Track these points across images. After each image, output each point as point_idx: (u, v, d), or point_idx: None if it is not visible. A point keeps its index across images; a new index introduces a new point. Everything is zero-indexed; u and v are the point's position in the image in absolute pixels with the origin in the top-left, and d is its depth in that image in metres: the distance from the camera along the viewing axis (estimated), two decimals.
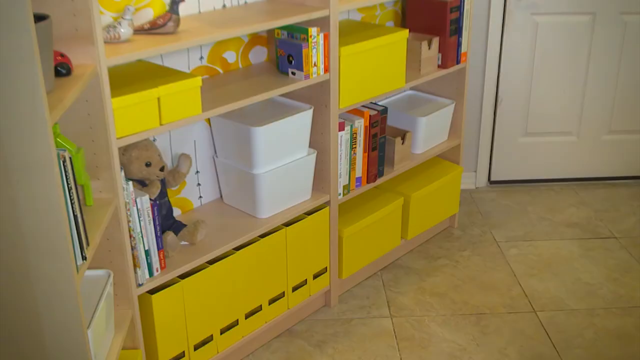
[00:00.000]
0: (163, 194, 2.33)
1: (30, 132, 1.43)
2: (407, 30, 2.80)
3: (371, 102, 2.92)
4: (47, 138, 1.43)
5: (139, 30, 2.13)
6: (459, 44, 3.10)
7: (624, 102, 3.68)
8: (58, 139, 1.74)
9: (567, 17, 3.45)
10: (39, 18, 1.55)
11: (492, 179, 3.86)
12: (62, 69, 1.71)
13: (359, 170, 2.84)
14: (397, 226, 3.10)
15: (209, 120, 2.58)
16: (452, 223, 3.50)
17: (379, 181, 2.95)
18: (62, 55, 1.73)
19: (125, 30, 2.02)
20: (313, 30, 2.45)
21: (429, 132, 3.16)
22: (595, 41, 3.51)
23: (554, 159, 3.81)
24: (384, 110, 2.86)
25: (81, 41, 1.81)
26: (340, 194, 2.79)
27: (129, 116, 1.98)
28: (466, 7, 3.06)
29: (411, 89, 3.40)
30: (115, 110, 1.93)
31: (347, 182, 2.81)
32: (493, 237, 3.39)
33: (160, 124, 2.07)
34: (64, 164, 1.59)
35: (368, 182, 2.90)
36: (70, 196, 1.62)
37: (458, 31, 3.07)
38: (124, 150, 2.20)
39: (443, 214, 3.35)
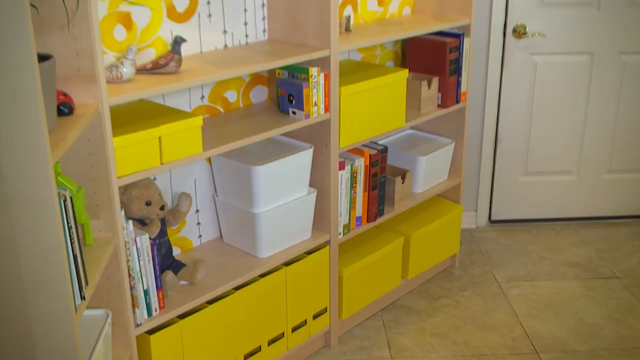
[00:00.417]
0: (163, 233, 2.32)
1: (32, 171, 1.43)
2: (407, 70, 2.83)
3: (371, 142, 2.93)
4: (49, 177, 1.43)
5: (141, 70, 2.14)
6: (459, 84, 3.12)
7: (624, 141, 3.70)
8: (59, 178, 1.74)
9: (565, 57, 3.48)
10: (42, 58, 1.57)
11: (493, 218, 3.86)
12: (64, 108, 1.71)
13: (359, 210, 2.84)
14: (398, 266, 3.08)
15: (209, 159, 2.59)
16: (453, 263, 3.48)
17: (379, 220, 2.94)
18: (64, 94, 1.74)
19: (127, 70, 2.03)
20: (313, 70, 2.47)
21: (429, 171, 3.16)
22: (594, 81, 3.54)
23: (554, 198, 3.81)
24: (384, 150, 2.87)
25: (84, 80, 1.82)
26: (340, 234, 2.78)
27: (130, 155, 1.98)
28: (465, 47, 3.09)
29: (411, 128, 3.41)
30: (116, 149, 1.93)
31: (347, 222, 2.80)
32: (494, 276, 3.37)
33: (161, 163, 2.07)
34: (64, 203, 1.59)
35: (368, 221, 2.89)
36: (70, 235, 1.62)
37: (457, 71, 3.09)
38: (125, 189, 2.20)
39: (444, 254, 3.34)
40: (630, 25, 3.45)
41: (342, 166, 2.70)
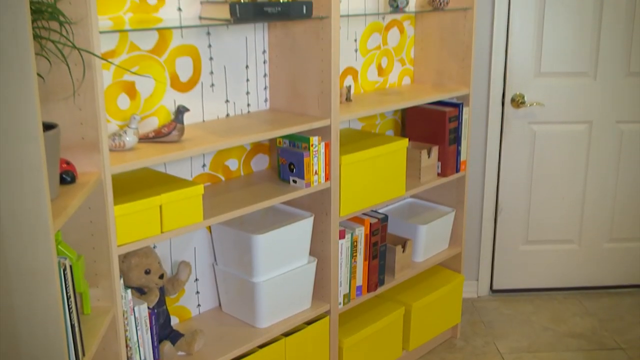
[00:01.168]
0: (161, 302, 2.29)
1: (33, 239, 1.42)
2: (407, 139, 2.85)
3: (372, 210, 2.93)
4: (50, 246, 1.42)
5: (143, 139, 2.16)
6: (458, 153, 3.14)
7: (624, 209, 3.70)
8: (59, 247, 1.73)
9: (564, 126, 3.52)
10: (47, 127, 1.58)
11: (494, 287, 3.82)
12: (67, 177, 1.72)
13: (360, 279, 2.81)
14: (399, 336, 3.03)
15: (209, 227, 2.58)
16: (455, 333, 3.43)
17: (380, 290, 2.91)
18: (67, 163, 1.75)
19: (130, 139, 2.05)
20: (314, 139, 2.49)
21: (429, 240, 3.15)
22: (593, 149, 3.56)
23: (556, 268, 3.78)
24: (385, 218, 2.87)
25: (87, 149, 1.83)
26: (340, 303, 2.75)
27: (131, 224, 1.97)
28: (464, 116, 3.12)
29: (411, 196, 3.42)
30: (117, 218, 1.93)
31: (348, 291, 2.77)
32: (497, 348, 3.32)
33: (162, 232, 2.06)
34: (64, 272, 1.58)
35: (369, 291, 2.86)
36: (68, 305, 1.60)
37: (457, 140, 3.12)
38: (124, 257, 2.18)
39: (445, 324, 3.29)
40: (627, 95, 3.50)
41: (342, 235, 2.69)
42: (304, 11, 2.38)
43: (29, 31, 1.33)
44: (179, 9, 2.33)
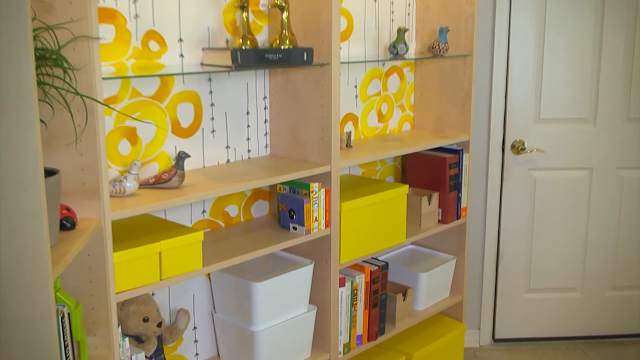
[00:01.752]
0: (159, 350, 2.25)
1: (32, 286, 1.39)
2: (407, 186, 2.84)
3: (372, 257, 2.90)
4: (48, 294, 1.40)
5: (144, 185, 2.15)
6: (459, 200, 3.13)
7: (626, 256, 3.67)
8: (58, 294, 1.70)
9: (564, 173, 3.52)
10: (48, 172, 1.57)
11: (497, 336, 3.77)
12: (67, 223, 1.70)
13: (360, 328, 2.77)
14: None
15: (209, 274, 2.55)
16: None
17: (380, 339, 2.87)
18: (67, 209, 1.73)
19: (130, 185, 2.04)
20: (315, 186, 2.48)
21: (430, 288, 3.11)
22: (594, 196, 3.56)
23: (558, 316, 3.74)
24: (385, 266, 2.84)
25: (87, 195, 1.82)
26: (340, 353, 2.70)
27: (130, 271, 1.95)
28: (465, 163, 3.12)
29: (412, 243, 3.40)
30: (116, 265, 1.90)
31: (348, 340, 2.73)
32: None
33: (161, 279, 2.04)
34: (62, 320, 1.55)
35: (369, 340, 2.82)
36: (65, 353, 1.56)
37: (457, 187, 3.11)
38: (122, 305, 2.15)
39: None
40: (626, 141, 3.51)
41: (342, 283, 2.66)
42: (305, 58, 2.39)
43: (33, 78, 1.33)
44: (181, 55, 2.35)
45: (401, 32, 2.86)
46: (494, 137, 3.45)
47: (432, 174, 3.11)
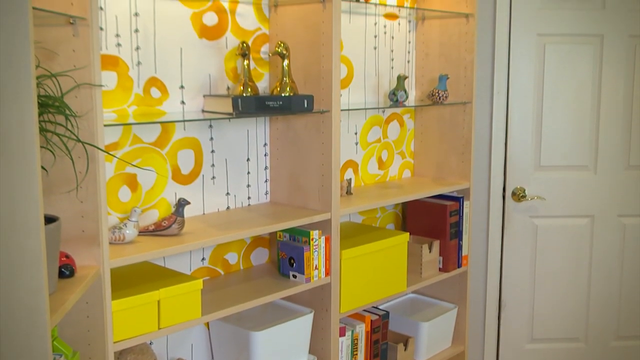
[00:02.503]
0: None
1: (29, 335, 1.37)
2: (408, 234, 2.83)
3: (372, 306, 2.87)
4: (46, 343, 1.37)
5: (143, 232, 2.13)
6: (460, 247, 3.11)
7: (630, 305, 3.63)
8: (55, 343, 1.67)
9: (565, 220, 3.50)
10: (48, 220, 1.55)
11: None
12: (65, 271, 1.68)
13: None
14: None
15: (207, 322, 2.51)
16: None
17: None
18: (67, 256, 1.71)
19: (130, 232, 2.02)
20: (315, 233, 2.46)
21: (432, 337, 3.07)
22: (596, 244, 3.53)
23: None
24: (386, 315, 2.81)
25: (87, 242, 1.80)
26: None
27: (128, 319, 1.92)
28: (465, 210, 3.11)
29: (413, 292, 3.36)
30: (114, 313, 1.87)
31: None
32: None
33: (159, 328, 2.01)
34: None
35: None
36: None
37: (458, 234, 3.09)
38: (120, 354, 2.11)
39: None
40: (628, 188, 3.50)
41: (342, 332, 2.62)
42: (305, 105, 2.40)
43: (36, 125, 1.32)
44: (183, 102, 2.35)
45: (401, 79, 2.87)
46: (494, 184, 3.44)
47: (432, 221, 3.10)
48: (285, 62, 2.43)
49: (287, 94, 2.42)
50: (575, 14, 3.30)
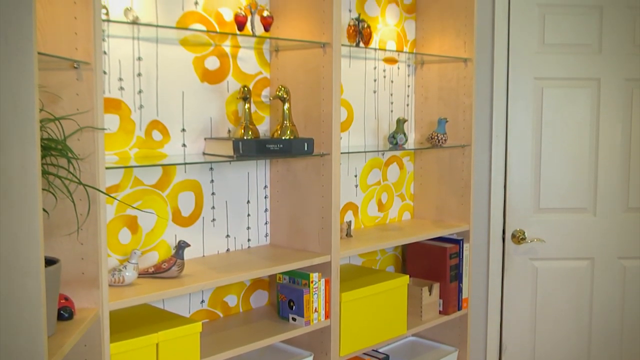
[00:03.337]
0: None
1: None
2: (408, 276, 2.82)
3: (372, 349, 2.85)
4: None
5: (143, 274, 2.13)
6: (460, 290, 3.10)
7: (631, 347, 3.60)
8: None
9: (566, 263, 3.49)
10: (48, 262, 1.56)
11: None
12: (64, 313, 1.67)
13: None
14: None
15: None
16: None
17: None
18: (66, 298, 1.71)
19: (130, 274, 2.02)
20: (314, 276, 2.46)
21: None
22: (596, 286, 3.52)
23: None
24: (386, 358, 2.79)
25: (86, 284, 1.80)
26: None
27: None
28: (465, 252, 3.11)
29: (413, 335, 3.34)
30: (113, 356, 1.86)
31: None
32: None
33: None
34: None
35: None
36: None
37: (458, 277, 3.09)
38: None
39: None
40: (627, 230, 3.50)
41: None
42: (306, 148, 2.42)
43: (38, 168, 1.34)
44: (184, 145, 2.37)
45: (400, 122, 2.90)
46: (494, 226, 3.45)
47: (432, 264, 3.09)
48: (286, 105, 2.46)
49: (288, 137, 2.44)
50: (571, 58, 3.34)
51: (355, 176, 3.05)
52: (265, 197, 2.68)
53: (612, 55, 3.37)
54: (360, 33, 2.72)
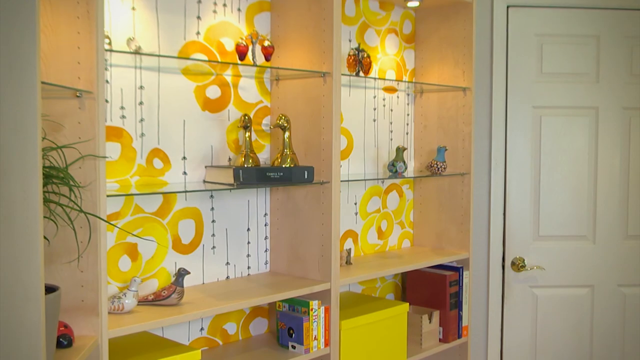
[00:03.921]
0: None
1: None
2: (407, 304, 2.82)
3: None
4: None
5: (143, 301, 2.13)
6: (460, 318, 3.10)
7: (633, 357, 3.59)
8: None
9: (565, 290, 3.49)
10: (48, 289, 1.56)
11: None
12: (63, 341, 1.68)
13: None
14: None
15: None
16: None
17: None
18: (65, 326, 1.71)
19: (129, 302, 2.02)
20: (314, 304, 2.46)
21: None
22: (597, 313, 3.51)
23: None
24: None
25: (86, 312, 1.80)
26: None
27: None
28: (465, 280, 3.11)
29: None
30: None
31: None
32: None
33: None
34: None
35: None
36: None
37: (458, 305, 3.08)
38: None
39: None
40: (627, 258, 3.50)
41: None
42: (306, 176, 2.44)
43: (40, 196, 1.35)
44: (184, 173, 2.39)
45: (400, 151, 2.92)
46: (493, 254, 3.45)
47: (432, 291, 3.09)
48: (286, 134, 2.48)
49: (288, 165, 2.46)
50: (569, 86, 3.38)
51: (355, 204, 3.07)
52: (266, 225, 2.69)
53: (609, 84, 3.40)
54: (360, 62, 2.76)
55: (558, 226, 3.46)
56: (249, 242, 2.63)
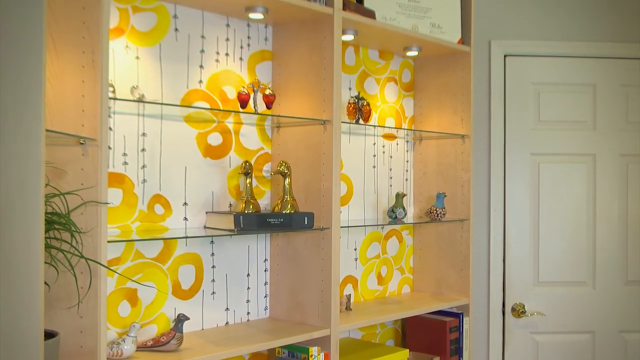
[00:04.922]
0: None
1: None
2: (407, 350, 2.81)
3: None
4: None
5: (141, 347, 2.13)
6: None
7: None
8: None
9: (566, 336, 3.48)
10: (47, 335, 1.57)
11: None
12: None
13: None
14: None
15: None
16: None
17: None
18: None
19: (128, 348, 2.03)
20: (314, 350, 2.45)
21: None
22: (597, 359, 3.48)
23: None
24: None
25: (85, 358, 1.81)
26: None
27: None
28: (465, 326, 3.10)
29: None
30: None
31: None
32: None
33: None
34: None
35: None
36: None
37: (459, 351, 3.07)
38: None
39: None
40: (627, 304, 3.50)
41: None
42: (306, 222, 2.46)
43: (41, 243, 1.37)
44: (185, 219, 2.41)
45: (399, 197, 2.95)
46: (493, 300, 3.45)
47: (432, 337, 3.08)
48: (287, 180, 2.51)
49: (288, 212, 2.48)
50: (567, 134, 3.42)
51: (355, 249, 3.08)
52: (265, 270, 2.70)
53: (606, 131, 3.44)
54: (360, 110, 2.80)
55: (558, 272, 3.47)
56: (248, 288, 2.64)
